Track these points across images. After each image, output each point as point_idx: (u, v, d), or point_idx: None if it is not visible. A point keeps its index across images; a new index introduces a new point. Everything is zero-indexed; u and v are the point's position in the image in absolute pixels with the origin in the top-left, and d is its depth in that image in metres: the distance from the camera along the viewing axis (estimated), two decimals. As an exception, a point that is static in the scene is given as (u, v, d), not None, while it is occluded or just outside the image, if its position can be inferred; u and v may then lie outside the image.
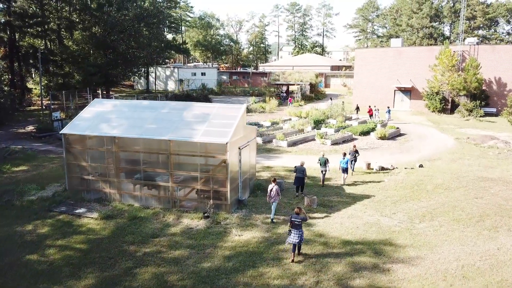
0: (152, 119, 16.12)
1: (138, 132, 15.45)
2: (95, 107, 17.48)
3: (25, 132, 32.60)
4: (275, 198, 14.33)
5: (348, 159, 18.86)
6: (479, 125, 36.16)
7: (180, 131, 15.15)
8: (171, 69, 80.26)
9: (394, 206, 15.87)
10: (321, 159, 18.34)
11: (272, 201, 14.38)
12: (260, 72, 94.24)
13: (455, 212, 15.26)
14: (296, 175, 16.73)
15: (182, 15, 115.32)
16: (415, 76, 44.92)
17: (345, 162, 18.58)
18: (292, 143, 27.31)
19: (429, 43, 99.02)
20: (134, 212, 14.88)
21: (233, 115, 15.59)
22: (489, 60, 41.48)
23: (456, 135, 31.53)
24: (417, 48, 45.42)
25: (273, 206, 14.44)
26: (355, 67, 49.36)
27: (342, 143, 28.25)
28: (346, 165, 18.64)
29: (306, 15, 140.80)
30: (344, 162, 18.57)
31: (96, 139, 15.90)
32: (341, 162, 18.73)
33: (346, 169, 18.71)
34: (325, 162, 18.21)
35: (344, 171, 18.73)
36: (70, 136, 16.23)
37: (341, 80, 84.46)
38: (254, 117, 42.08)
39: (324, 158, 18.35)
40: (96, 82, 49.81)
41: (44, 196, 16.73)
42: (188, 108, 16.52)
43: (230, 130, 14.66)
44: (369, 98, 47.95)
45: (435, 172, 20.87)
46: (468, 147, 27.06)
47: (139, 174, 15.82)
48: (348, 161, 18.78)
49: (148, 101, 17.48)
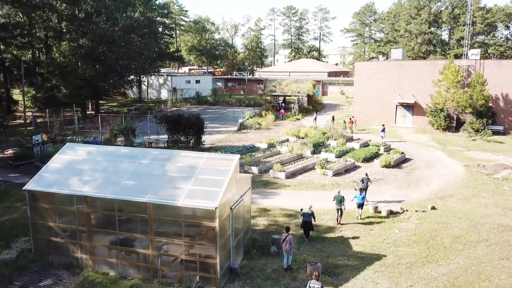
0: (130, 173, 13.94)
1: (113, 190, 13.28)
2: (66, 154, 15.27)
3: (2, 158, 30.25)
4: (289, 251, 13.66)
5: (364, 195, 18.83)
6: (487, 147, 34.23)
7: (162, 191, 13.00)
8: (164, 77, 77.94)
9: (410, 274, 13.78)
10: (336, 197, 17.96)
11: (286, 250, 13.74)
12: (256, 79, 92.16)
13: (481, 283, 13.19)
14: (304, 219, 16.28)
15: (176, 19, 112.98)
16: (417, 91, 42.97)
17: (361, 198, 18.56)
18: (290, 174, 25.20)
19: (428, 49, 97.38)
20: (108, 285, 12.71)
21: (223, 169, 13.45)
22: (495, 76, 39.61)
23: (465, 161, 29.56)
24: (419, 62, 43.49)
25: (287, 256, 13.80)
26: (355, 81, 47.37)
27: (344, 173, 26.19)
28: (362, 200, 18.59)
29: (302, 19, 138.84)
30: (361, 198, 18.56)
31: (65, 196, 13.70)
32: (357, 197, 18.63)
33: (361, 204, 18.59)
34: (341, 200, 17.83)
35: (360, 206, 18.59)
36: (36, 192, 14.03)
37: (339, 88, 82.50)
38: (250, 134, 39.99)
39: (340, 196, 17.93)
40: (84, 95, 47.53)
41: (7, 259, 14.53)
42: (172, 158, 14.34)
43: (220, 190, 12.52)
44: (370, 113, 45.99)
45: (450, 217, 18.82)
46: (480, 179, 25.07)
47: (115, 237, 13.64)
48: (364, 196, 18.74)
49: (127, 149, 15.36)
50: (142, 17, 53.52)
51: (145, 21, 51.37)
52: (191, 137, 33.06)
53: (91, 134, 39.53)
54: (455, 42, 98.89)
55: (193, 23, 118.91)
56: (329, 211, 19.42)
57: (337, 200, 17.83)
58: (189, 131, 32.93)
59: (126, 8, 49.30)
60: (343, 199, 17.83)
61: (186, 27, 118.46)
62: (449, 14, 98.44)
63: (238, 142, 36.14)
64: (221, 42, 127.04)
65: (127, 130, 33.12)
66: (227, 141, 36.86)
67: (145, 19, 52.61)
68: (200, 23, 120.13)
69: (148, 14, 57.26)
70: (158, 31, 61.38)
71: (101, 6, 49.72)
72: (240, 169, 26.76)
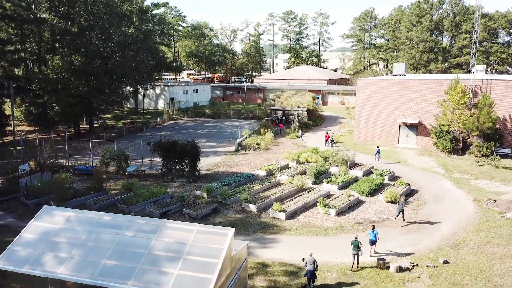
0: (112, 250, 12.41)
1: (92, 272, 11.76)
2: (42, 220, 13.74)
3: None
4: None
5: (377, 232, 19.08)
6: (496, 174, 32.76)
7: (146, 275, 11.48)
8: (161, 87, 76.42)
9: None
10: (353, 242, 17.82)
11: None
12: (254, 88, 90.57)
13: None
14: (307, 269, 16.15)
15: (174, 25, 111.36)
16: (422, 110, 41.49)
17: (374, 235, 18.88)
18: (291, 214, 23.68)
19: (429, 57, 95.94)
20: None
21: (216, 247, 11.94)
22: (502, 96, 38.17)
23: (474, 193, 28.10)
24: (424, 80, 41.95)
25: None
26: (357, 98, 45.88)
27: (348, 210, 24.69)
28: (375, 238, 18.91)
29: (302, 24, 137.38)
30: (373, 235, 18.87)
31: (38, 278, 12.16)
32: (369, 234, 18.97)
33: (374, 241, 18.98)
34: (357, 245, 17.70)
35: (372, 243, 18.97)
36: (6, 271, 12.48)
37: (339, 97, 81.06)
38: (248, 157, 38.54)
39: (357, 241, 17.80)
40: (77, 113, 45.95)
41: None
42: (159, 231, 12.82)
43: (211, 278, 11.02)
44: (372, 132, 44.52)
45: (464, 275, 17.32)
46: (492, 219, 23.58)
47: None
48: (376, 234, 19.00)
49: (109, 216, 13.81)
50: (137, 32, 51.87)
51: (140, 36, 49.76)
52: (186, 164, 31.57)
53: (83, 156, 38.02)
54: (457, 50, 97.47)
55: (191, 28, 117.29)
56: (333, 267, 17.94)
57: (354, 246, 17.73)
58: (184, 159, 31.44)
59: (120, 22, 47.70)
60: (360, 244, 17.78)
61: (184, 32, 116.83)
62: (451, 22, 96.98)
63: (236, 168, 34.66)
64: (220, 48, 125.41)
65: (119, 157, 31.60)
66: (224, 166, 35.39)
67: (140, 34, 50.98)
68: (198, 29, 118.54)
69: (144, 28, 55.58)
70: (153, 46, 59.71)
71: (95, 20, 48.19)
72: (238, 206, 25.44)
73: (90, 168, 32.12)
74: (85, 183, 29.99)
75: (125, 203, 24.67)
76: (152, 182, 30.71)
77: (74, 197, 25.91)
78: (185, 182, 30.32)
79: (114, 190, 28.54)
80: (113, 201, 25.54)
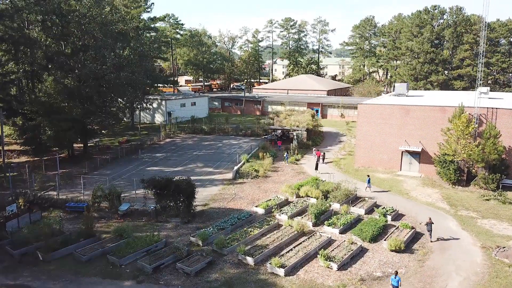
0: None
1: None
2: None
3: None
4: None
5: (399, 278, 19.58)
6: (503, 212, 31.58)
7: None
8: (158, 101, 75.15)
9: None
10: None
11: None
12: (253, 99, 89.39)
13: None
14: None
15: (171, 34, 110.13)
16: (425, 137, 40.34)
17: (397, 281, 19.33)
18: (290, 269, 22.45)
19: (430, 68, 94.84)
20: None
21: None
22: (508, 126, 37.06)
23: (481, 237, 26.96)
24: (427, 107, 40.76)
25: None
26: (358, 123, 44.67)
27: (350, 262, 23.50)
28: (397, 284, 19.38)
29: (301, 31, 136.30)
30: (396, 281, 19.39)
31: None
32: (392, 280, 19.68)
33: (396, 287, 19.48)
34: None
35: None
36: None
37: (339, 110, 79.91)
38: (246, 187, 37.42)
39: None
40: (71, 138, 44.64)
41: None
42: None
43: None
44: (373, 158, 43.36)
45: None
46: (503, 274, 22.41)
47: None
48: (399, 280, 19.43)
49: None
50: (132, 54, 50.54)
51: (135, 58, 48.47)
52: (181, 203, 30.32)
53: (75, 188, 36.73)
54: (458, 61, 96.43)
55: (189, 36, 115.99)
56: None
57: None
58: (179, 197, 30.19)
59: (115, 43, 46.40)
60: None
61: (182, 41, 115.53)
62: (452, 33, 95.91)
63: (233, 203, 33.51)
64: (218, 56, 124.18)
65: (111, 196, 30.35)
66: (221, 199, 34.22)
67: (135, 56, 49.66)
68: (196, 37, 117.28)
69: (140, 49, 54.25)
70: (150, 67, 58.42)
71: (89, 39, 46.87)
72: (235, 258, 24.21)
73: (81, 206, 30.87)
74: (75, 223, 28.76)
75: (115, 255, 23.43)
76: (145, 222, 29.48)
77: (63, 245, 24.66)
78: (179, 223, 29.11)
79: (105, 233, 27.31)
80: (104, 250, 24.30)
